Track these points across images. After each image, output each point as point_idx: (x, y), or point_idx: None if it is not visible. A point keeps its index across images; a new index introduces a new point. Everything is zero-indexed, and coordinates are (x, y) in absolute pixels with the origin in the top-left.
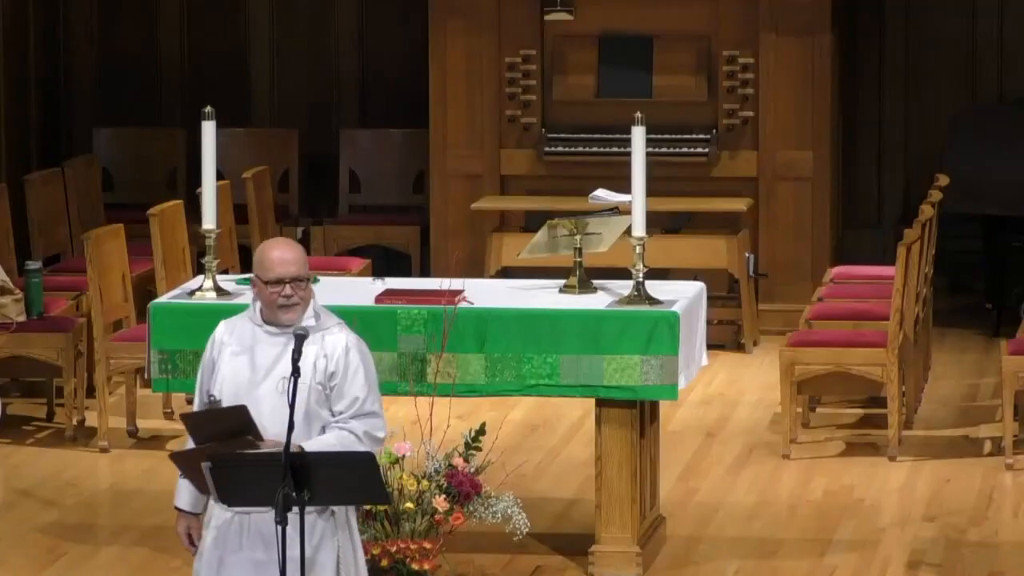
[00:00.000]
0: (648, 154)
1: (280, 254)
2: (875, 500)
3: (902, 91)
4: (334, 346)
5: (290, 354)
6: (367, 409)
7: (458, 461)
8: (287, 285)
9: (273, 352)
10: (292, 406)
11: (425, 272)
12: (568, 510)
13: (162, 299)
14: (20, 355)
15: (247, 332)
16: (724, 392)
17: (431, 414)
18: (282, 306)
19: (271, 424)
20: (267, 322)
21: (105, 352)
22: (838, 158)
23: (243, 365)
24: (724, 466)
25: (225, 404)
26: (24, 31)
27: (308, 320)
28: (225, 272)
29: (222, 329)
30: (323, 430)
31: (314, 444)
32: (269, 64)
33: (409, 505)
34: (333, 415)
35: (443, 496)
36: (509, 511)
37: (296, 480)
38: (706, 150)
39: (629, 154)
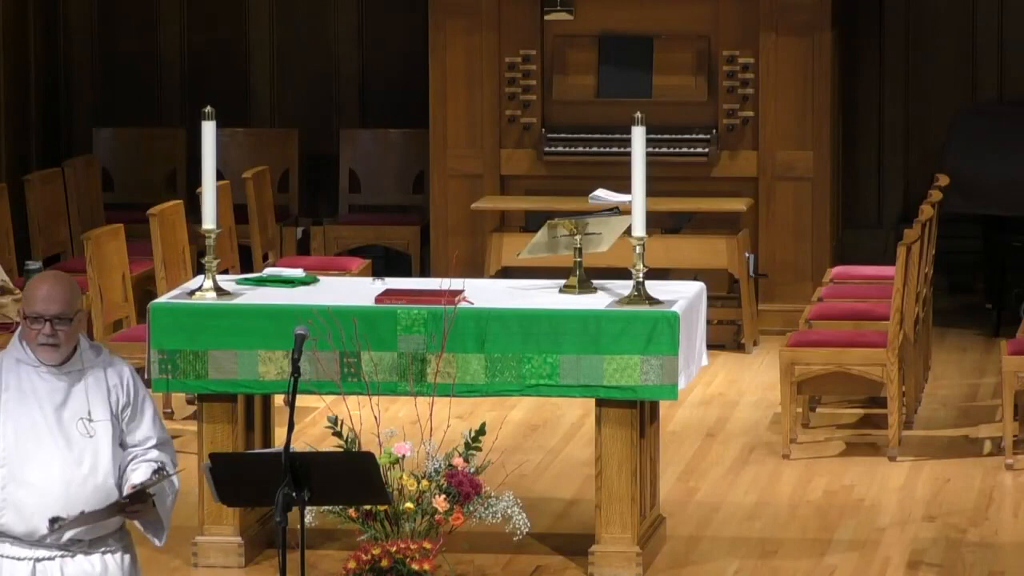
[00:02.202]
0: (648, 154)
1: (47, 291)
2: (875, 500)
3: (902, 91)
4: (119, 376)
5: (74, 395)
6: (164, 437)
7: (458, 461)
8: (48, 323)
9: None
10: (292, 405)
11: (425, 272)
12: (568, 510)
13: (162, 299)
14: None
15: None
16: (724, 392)
17: (431, 414)
18: (42, 344)
19: (56, 482)
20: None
21: None
22: (838, 158)
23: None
24: (724, 466)
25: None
26: (24, 31)
27: (86, 355)
28: (225, 272)
29: None
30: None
31: (139, 483)
32: (269, 64)
33: (409, 505)
34: (123, 447)
35: (443, 496)
36: (509, 511)
37: (296, 480)
38: (706, 150)
39: (629, 154)
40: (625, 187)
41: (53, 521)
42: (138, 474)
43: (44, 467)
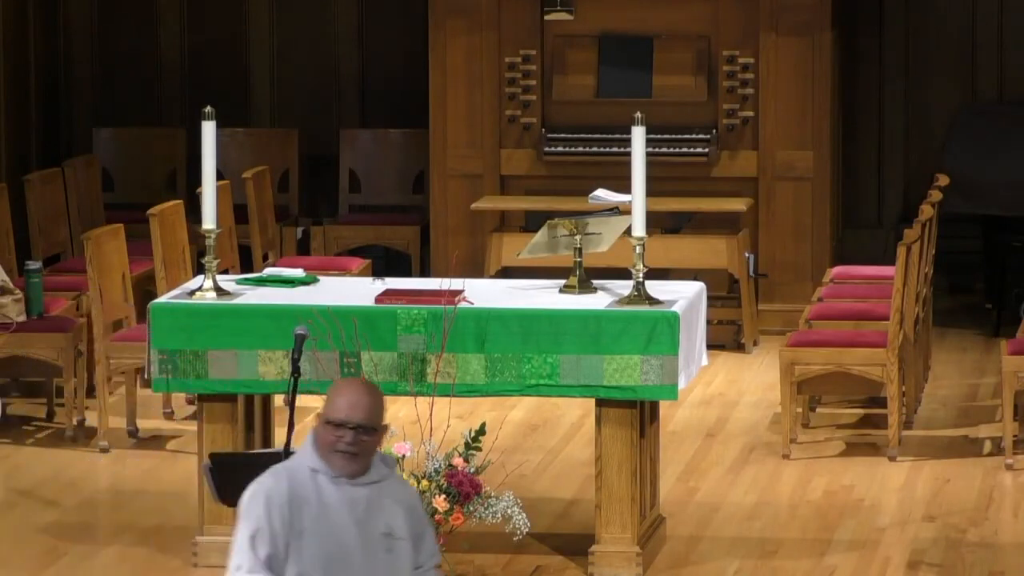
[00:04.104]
0: (648, 154)
1: (353, 398)
2: (875, 500)
3: (902, 91)
4: (412, 493)
5: (374, 508)
6: (439, 558)
7: (458, 461)
8: (351, 431)
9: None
10: (292, 405)
11: (425, 272)
12: (568, 510)
13: (162, 299)
14: (20, 355)
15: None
16: (724, 392)
17: (431, 414)
18: (340, 452)
19: None
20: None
21: (105, 352)
22: (838, 158)
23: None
24: (724, 466)
25: None
26: (24, 31)
27: (379, 467)
28: (225, 272)
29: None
30: None
31: None
32: (269, 64)
33: None
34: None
35: (443, 496)
36: (509, 511)
37: None
38: (706, 150)
39: (629, 154)
40: (625, 187)
41: None
42: None
43: None
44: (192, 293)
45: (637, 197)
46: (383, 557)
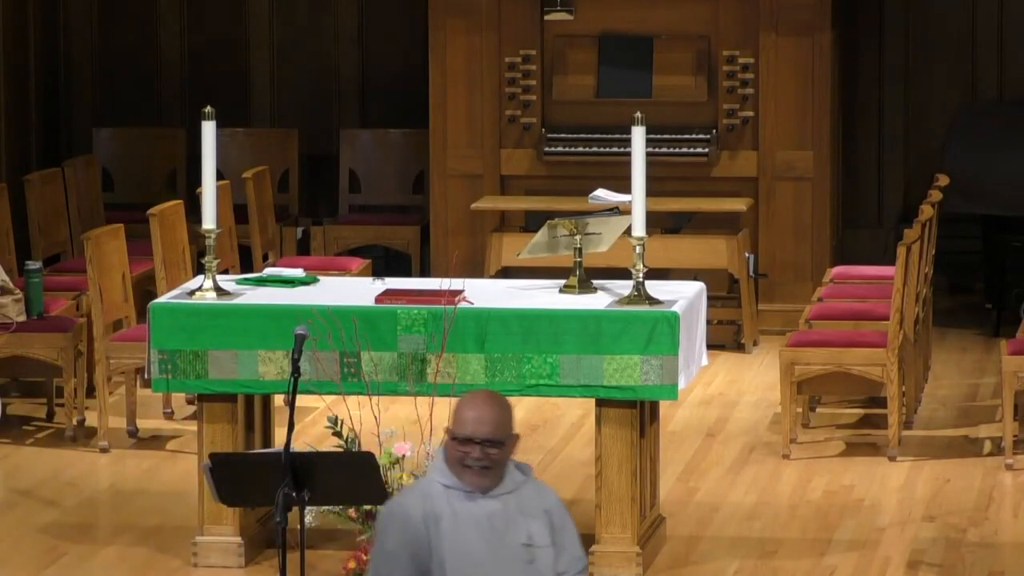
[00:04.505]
0: (648, 154)
1: (479, 412)
2: (875, 500)
3: (902, 91)
4: (551, 499)
5: (510, 520)
6: (585, 562)
7: None
8: (478, 446)
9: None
10: (292, 405)
11: (425, 272)
12: (568, 510)
13: (162, 299)
14: (20, 355)
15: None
16: (724, 392)
17: (431, 414)
18: (469, 467)
19: None
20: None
21: (105, 352)
22: (838, 158)
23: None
24: (724, 466)
25: None
26: (24, 31)
27: (514, 476)
28: (225, 272)
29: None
30: None
31: None
32: (269, 64)
33: None
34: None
35: None
36: None
37: (296, 480)
38: (706, 150)
39: (629, 154)
40: (625, 187)
41: None
42: None
43: None
44: (192, 293)
45: (637, 197)
46: (524, 568)
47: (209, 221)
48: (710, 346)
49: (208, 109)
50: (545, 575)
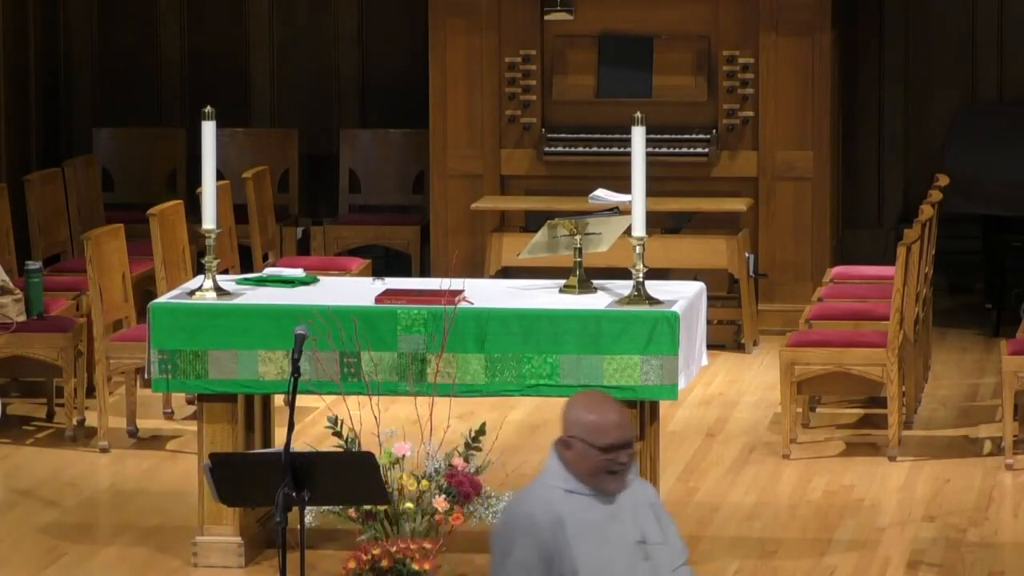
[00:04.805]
0: (648, 154)
1: (617, 417)
2: (875, 500)
3: (902, 91)
4: (652, 494)
5: (625, 520)
6: (687, 554)
7: (458, 461)
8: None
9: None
10: (292, 405)
11: (425, 272)
12: None
13: (162, 299)
14: (20, 355)
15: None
16: (724, 392)
17: (431, 414)
18: (612, 473)
19: None
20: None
21: (105, 352)
22: (838, 158)
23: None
24: (724, 466)
25: None
26: (24, 31)
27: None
28: (225, 272)
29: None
30: None
31: None
32: (269, 64)
33: (409, 505)
34: None
35: (443, 496)
36: None
37: (296, 480)
38: (706, 150)
39: (629, 154)
40: (625, 187)
41: None
42: None
43: None
44: (192, 293)
45: (637, 197)
46: (643, 566)
47: (209, 221)
48: (710, 346)
49: (208, 109)
50: (662, 572)
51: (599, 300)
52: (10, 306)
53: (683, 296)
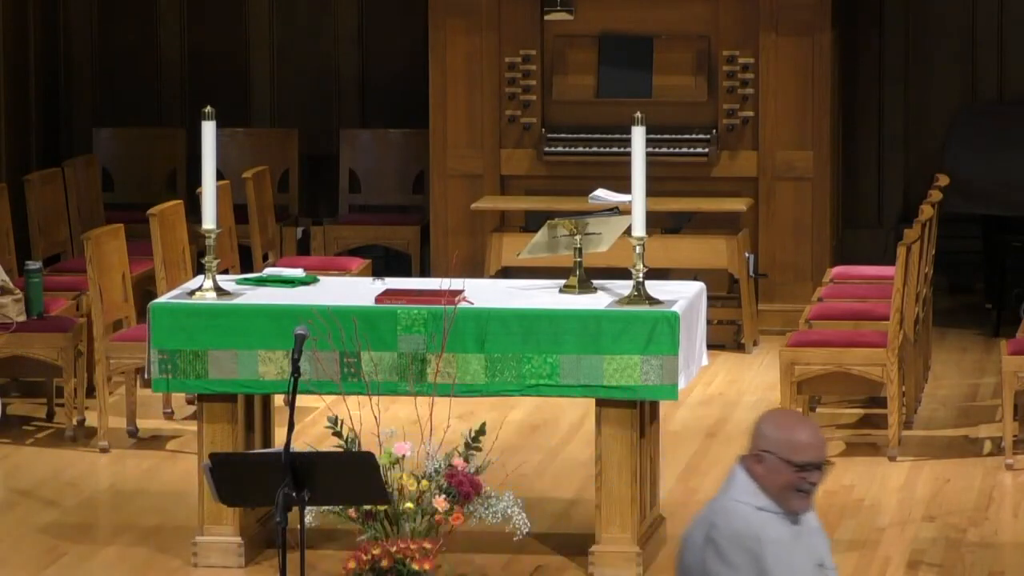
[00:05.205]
0: (648, 154)
1: (813, 434)
2: (875, 500)
3: (902, 91)
4: (815, 514)
5: (807, 541)
6: None
7: (458, 461)
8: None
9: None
10: (292, 405)
11: (425, 272)
12: (568, 510)
13: (162, 299)
14: (20, 355)
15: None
16: (724, 392)
17: (431, 414)
18: (803, 491)
19: None
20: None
21: (105, 352)
22: (838, 158)
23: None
24: (724, 466)
25: None
26: (24, 31)
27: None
28: (225, 272)
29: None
30: None
31: None
32: (269, 64)
33: (409, 505)
34: None
35: (443, 496)
36: (509, 511)
37: (296, 480)
38: (706, 150)
39: (629, 154)
40: (625, 187)
41: None
42: None
43: None
44: (192, 293)
45: (637, 197)
46: None
47: (209, 221)
48: (710, 346)
49: (208, 109)
50: None
51: (599, 300)
52: (10, 306)
53: (683, 296)
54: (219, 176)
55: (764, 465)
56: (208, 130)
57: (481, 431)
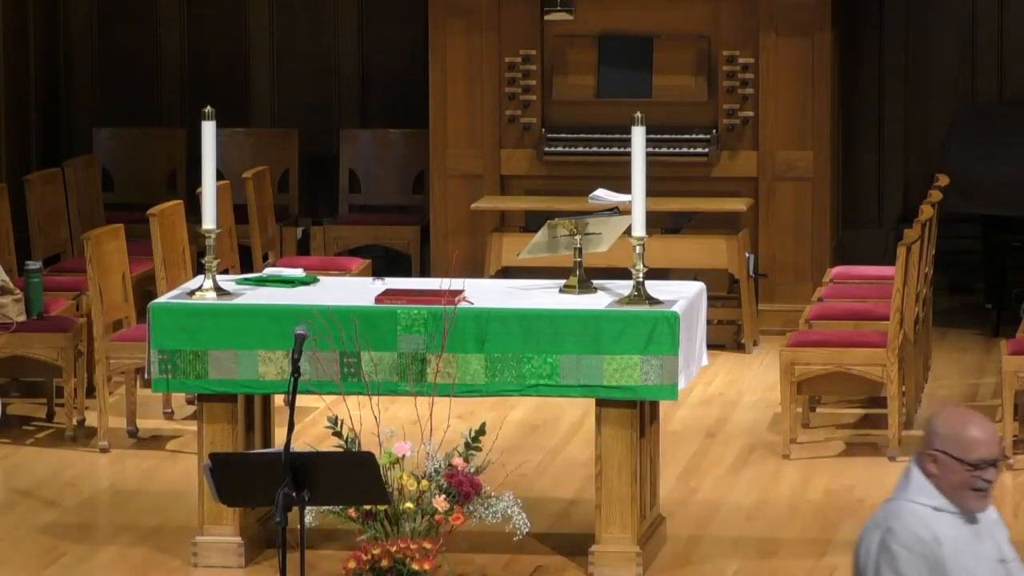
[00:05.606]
0: (648, 154)
1: (989, 431)
2: (875, 500)
3: (902, 91)
4: (994, 508)
5: (985, 538)
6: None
7: (458, 461)
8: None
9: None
10: (292, 405)
11: (425, 272)
12: (568, 510)
13: (162, 299)
14: (20, 355)
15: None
16: (724, 392)
17: (431, 414)
18: (979, 490)
19: None
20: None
21: (105, 352)
22: (838, 158)
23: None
24: (724, 466)
25: None
26: (24, 31)
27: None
28: (225, 272)
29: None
30: None
31: None
32: (269, 64)
33: (409, 505)
34: None
35: (443, 496)
36: (509, 511)
37: (296, 480)
38: (706, 150)
39: (629, 154)
40: (625, 187)
41: None
42: None
43: None
44: (192, 293)
45: (637, 197)
46: None
47: (209, 221)
48: (710, 346)
49: (208, 109)
50: None
51: (599, 300)
52: (10, 306)
53: (683, 296)
54: (219, 176)
55: (938, 464)
56: (208, 130)
57: (481, 431)
